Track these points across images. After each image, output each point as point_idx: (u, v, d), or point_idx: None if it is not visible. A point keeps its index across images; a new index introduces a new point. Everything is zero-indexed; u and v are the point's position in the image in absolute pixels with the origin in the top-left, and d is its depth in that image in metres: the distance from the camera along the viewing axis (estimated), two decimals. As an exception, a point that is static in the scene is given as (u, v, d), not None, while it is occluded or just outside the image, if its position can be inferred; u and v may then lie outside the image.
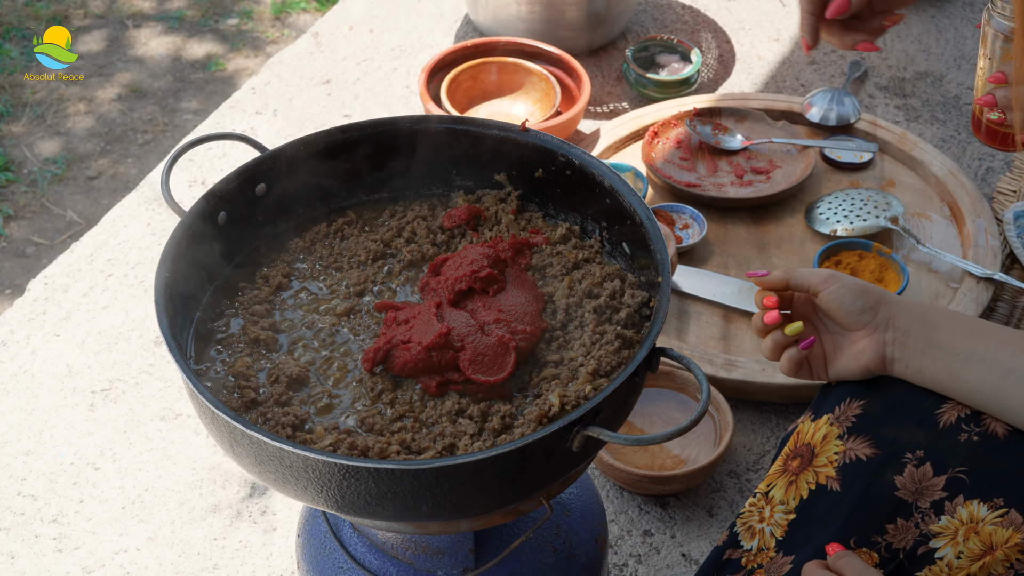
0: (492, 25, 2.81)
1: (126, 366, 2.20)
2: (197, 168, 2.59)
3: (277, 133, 2.67)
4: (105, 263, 2.39)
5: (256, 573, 1.89)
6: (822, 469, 1.36)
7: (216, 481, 2.02)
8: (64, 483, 2.02)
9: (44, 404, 2.14)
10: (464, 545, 1.47)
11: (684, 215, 2.29)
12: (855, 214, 2.26)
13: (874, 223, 2.24)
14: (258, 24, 3.80)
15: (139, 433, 2.09)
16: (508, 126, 1.54)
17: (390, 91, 2.80)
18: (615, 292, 1.44)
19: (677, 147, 2.46)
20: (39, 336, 2.26)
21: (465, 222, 1.56)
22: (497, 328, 1.37)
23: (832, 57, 2.87)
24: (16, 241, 3.04)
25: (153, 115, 3.43)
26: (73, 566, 1.90)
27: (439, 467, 1.16)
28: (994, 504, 1.25)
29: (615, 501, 1.96)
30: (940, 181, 2.36)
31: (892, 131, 2.48)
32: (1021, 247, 2.18)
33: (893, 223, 2.23)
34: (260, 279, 1.50)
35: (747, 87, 2.80)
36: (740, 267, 2.24)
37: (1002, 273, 2.13)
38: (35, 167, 3.24)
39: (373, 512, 1.21)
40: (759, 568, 1.38)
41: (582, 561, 1.57)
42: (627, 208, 1.45)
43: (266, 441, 1.17)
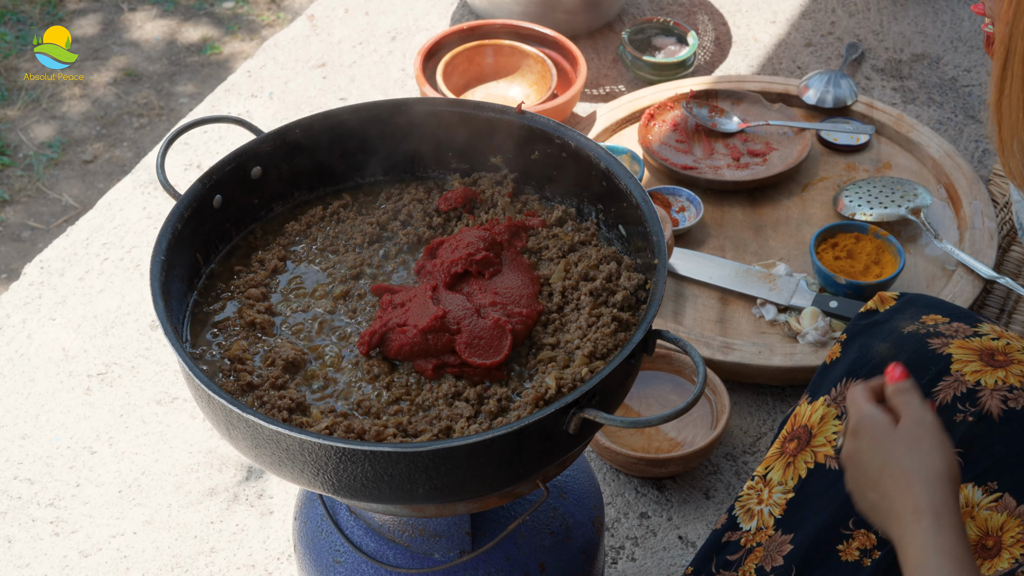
0: (488, 7, 2.80)
1: (122, 350, 2.20)
2: (193, 152, 2.59)
3: (273, 116, 2.67)
4: (101, 247, 2.39)
5: (253, 556, 1.89)
6: (820, 449, 1.37)
7: (213, 465, 2.02)
8: (61, 467, 2.02)
9: (40, 388, 2.14)
10: (461, 528, 1.47)
11: (681, 198, 2.29)
12: (879, 200, 2.25)
13: (894, 211, 2.22)
14: (253, 7, 3.78)
15: (135, 417, 2.09)
16: (504, 108, 1.54)
17: (386, 74, 2.79)
18: (611, 275, 1.44)
19: (673, 130, 2.45)
20: (35, 320, 2.25)
21: (461, 205, 1.56)
22: (493, 311, 1.37)
23: (829, 40, 2.87)
24: (12, 225, 3.03)
25: (148, 99, 3.42)
26: (70, 550, 1.90)
27: (435, 450, 1.16)
28: (988, 488, 1.25)
29: (612, 484, 1.97)
30: (937, 163, 2.36)
31: (889, 113, 2.48)
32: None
33: (914, 214, 2.21)
34: (256, 262, 1.49)
35: (744, 69, 2.79)
36: (737, 250, 2.24)
37: (1008, 278, 2.11)
38: (30, 151, 3.23)
39: (370, 495, 1.21)
40: (758, 546, 1.38)
41: (579, 543, 1.58)
42: (623, 190, 1.45)
43: (263, 424, 1.17)
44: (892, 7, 2.96)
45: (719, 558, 1.44)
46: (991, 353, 1.34)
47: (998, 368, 1.32)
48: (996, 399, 1.29)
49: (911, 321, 1.42)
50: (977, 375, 1.32)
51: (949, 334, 1.37)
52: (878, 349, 1.40)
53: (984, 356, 1.33)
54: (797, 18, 2.94)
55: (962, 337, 1.36)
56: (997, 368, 1.32)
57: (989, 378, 1.31)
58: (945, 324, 1.40)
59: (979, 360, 1.33)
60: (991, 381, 1.31)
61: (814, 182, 2.36)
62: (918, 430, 1.18)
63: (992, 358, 1.33)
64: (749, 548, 1.39)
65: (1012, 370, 1.31)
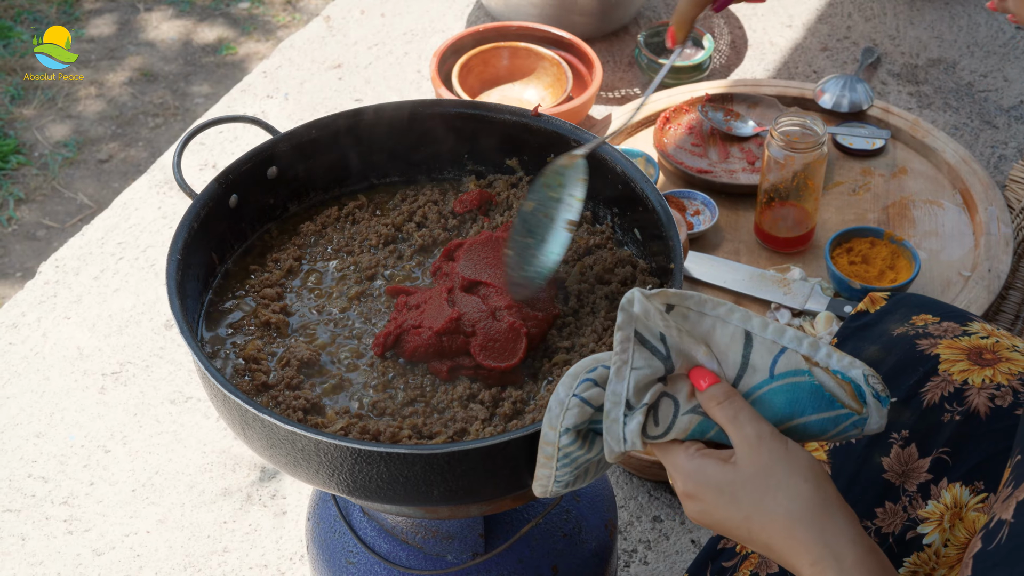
0: (504, 10, 2.80)
1: (136, 349, 2.20)
2: (208, 152, 2.59)
3: (288, 117, 2.67)
4: (116, 246, 2.40)
5: (266, 556, 1.89)
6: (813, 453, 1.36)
7: (226, 464, 2.02)
8: (74, 465, 2.02)
9: (55, 387, 2.14)
10: (474, 530, 1.47)
11: (695, 201, 2.29)
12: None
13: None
14: (269, 8, 3.79)
15: (149, 416, 2.10)
16: (520, 111, 1.54)
17: (401, 75, 2.80)
18: (626, 278, 1.44)
19: (689, 133, 2.45)
20: (50, 319, 2.26)
21: (476, 207, 1.56)
22: (508, 314, 1.37)
23: (845, 44, 2.86)
24: (27, 224, 3.04)
25: (164, 99, 3.43)
26: (83, 548, 1.91)
27: (451, 452, 1.16)
28: (975, 488, 1.25)
29: (625, 487, 1.96)
30: (952, 168, 2.35)
31: (904, 118, 2.48)
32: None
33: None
34: (271, 262, 1.50)
35: (759, 73, 2.79)
36: (751, 254, 2.23)
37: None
38: (46, 150, 3.24)
39: (384, 496, 1.21)
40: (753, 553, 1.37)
41: (592, 546, 1.57)
42: (640, 194, 1.44)
43: (278, 425, 1.17)
44: (908, 12, 2.96)
45: (714, 564, 1.43)
46: (979, 352, 1.33)
47: (986, 367, 1.31)
48: (983, 397, 1.28)
49: (900, 323, 1.41)
50: (964, 374, 1.31)
51: (938, 334, 1.36)
52: (868, 352, 1.40)
53: (972, 355, 1.32)
54: (813, 22, 2.94)
55: (951, 337, 1.35)
56: (985, 367, 1.31)
57: (976, 377, 1.30)
58: (935, 324, 1.39)
59: (967, 359, 1.32)
60: (978, 380, 1.30)
61: (829, 187, 2.36)
62: (761, 458, 1.04)
63: (980, 357, 1.32)
64: (744, 555, 1.39)
65: (1000, 368, 1.30)
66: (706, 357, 1.09)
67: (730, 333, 1.09)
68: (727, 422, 1.06)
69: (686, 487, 1.07)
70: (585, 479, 1.17)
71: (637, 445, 1.08)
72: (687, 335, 1.08)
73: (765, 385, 1.09)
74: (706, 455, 1.07)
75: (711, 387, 1.08)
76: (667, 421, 1.08)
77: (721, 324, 1.10)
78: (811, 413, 1.09)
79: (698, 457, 1.07)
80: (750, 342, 1.09)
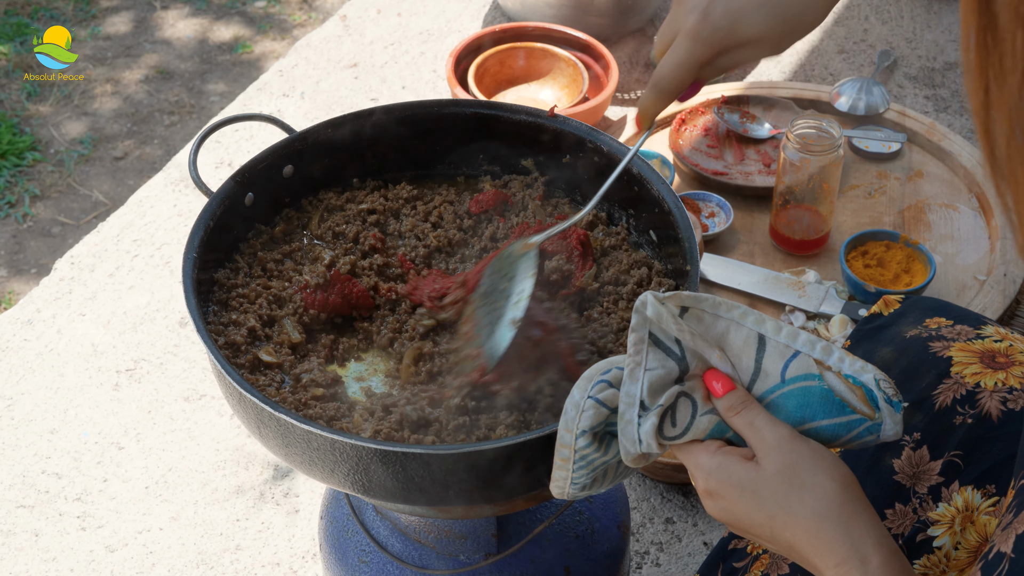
0: (520, 10, 2.80)
1: (151, 346, 2.21)
2: (224, 150, 2.59)
3: (304, 116, 2.68)
4: (131, 243, 2.40)
5: (278, 554, 1.90)
6: None
7: (240, 462, 2.03)
8: (88, 462, 2.03)
9: (69, 383, 2.15)
10: (487, 530, 1.47)
11: (711, 203, 2.28)
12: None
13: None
14: (285, 7, 3.80)
15: (163, 413, 2.10)
16: (536, 112, 1.54)
17: (417, 75, 2.80)
18: (642, 280, 1.44)
19: (704, 135, 2.45)
20: (65, 315, 2.27)
21: (492, 207, 1.55)
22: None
23: (862, 47, 2.86)
24: (42, 220, 3.05)
25: (179, 97, 3.44)
26: (96, 544, 1.91)
27: (468, 452, 1.16)
28: (987, 491, 1.24)
29: (637, 489, 1.96)
30: (968, 172, 2.35)
31: (921, 121, 2.47)
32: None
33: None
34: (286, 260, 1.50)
35: (775, 75, 2.78)
36: (766, 256, 2.23)
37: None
38: (62, 147, 3.25)
39: (400, 496, 1.21)
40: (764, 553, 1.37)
41: (604, 548, 1.57)
42: (656, 196, 1.44)
43: (294, 424, 1.17)
44: (926, 15, 2.95)
45: (725, 565, 1.43)
46: (992, 355, 1.32)
47: (998, 370, 1.30)
48: (995, 400, 1.28)
49: (914, 325, 1.41)
50: (977, 377, 1.30)
51: (951, 337, 1.36)
52: (881, 354, 1.39)
53: (985, 358, 1.32)
54: (830, 25, 2.93)
55: (964, 340, 1.35)
56: (997, 370, 1.30)
57: (989, 380, 1.30)
58: (948, 327, 1.38)
59: (979, 362, 1.32)
60: (991, 383, 1.29)
61: (845, 190, 2.35)
62: (785, 457, 1.03)
63: (993, 360, 1.32)
64: (755, 555, 1.39)
65: (1013, 371, 1.30)
66: (720, 361, 1.09)
67: (744, 336, 1.09)
68: (745, 428, 1.06)
69: (707, 484, 1.07)
70: (603, 483, 1.17)
71: (652, 446, 1.07)
72: (700, 339, 1.08)
73: (777, 389, 1.09)
74: (728, 452, 1.06)
75: (727, 395, 1.07)
76: (685, 422, 1.08)
77: (735, 327, 1.09)
78: (822, 418, 1.08)
79: (720, 454, 1.07)
80: (763, 346, 1.09)
